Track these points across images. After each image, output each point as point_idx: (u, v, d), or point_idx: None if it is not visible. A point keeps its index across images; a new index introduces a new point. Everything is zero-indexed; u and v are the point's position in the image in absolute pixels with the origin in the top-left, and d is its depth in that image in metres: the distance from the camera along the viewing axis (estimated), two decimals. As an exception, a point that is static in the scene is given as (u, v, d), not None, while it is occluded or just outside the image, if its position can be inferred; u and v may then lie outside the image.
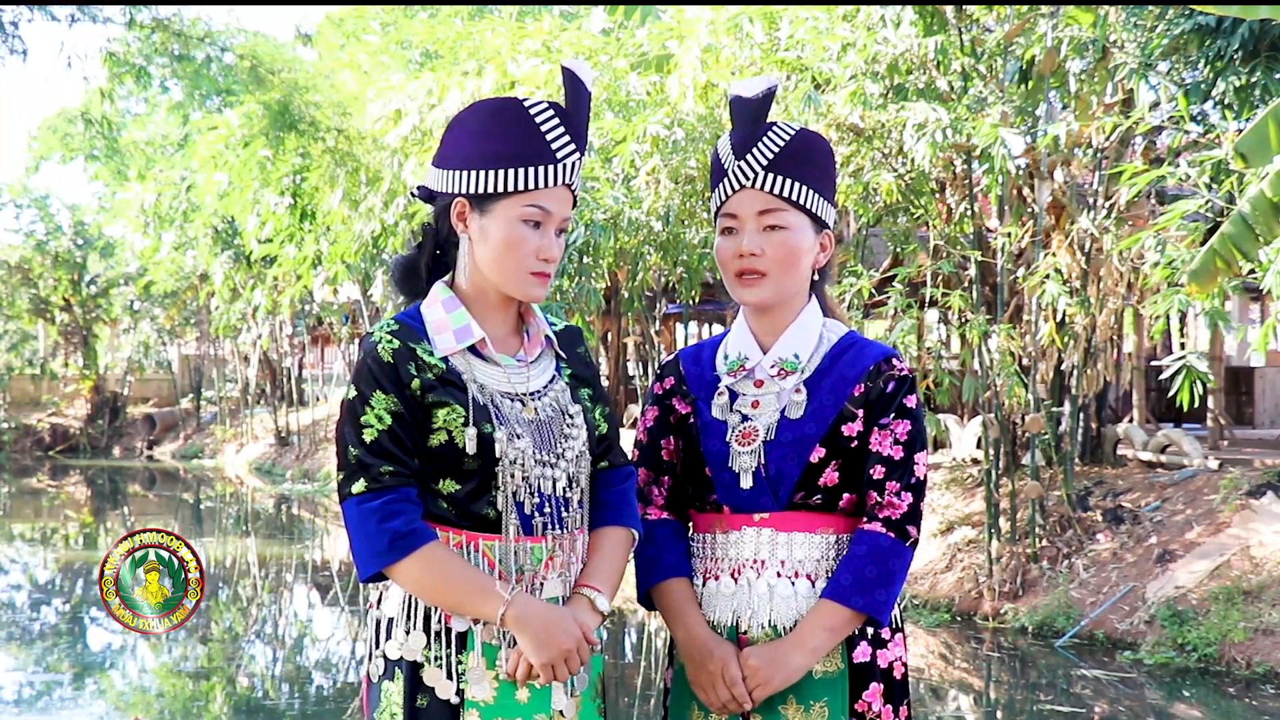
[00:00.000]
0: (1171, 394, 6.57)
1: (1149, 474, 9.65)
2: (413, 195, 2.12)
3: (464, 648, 1.92)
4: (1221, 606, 7.19)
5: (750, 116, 2.12)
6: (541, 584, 1.95)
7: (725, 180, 2.13)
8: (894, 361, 2.12)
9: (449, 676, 1.91)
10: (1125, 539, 8.44)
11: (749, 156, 2.10)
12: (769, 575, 2.08)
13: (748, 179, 2.10)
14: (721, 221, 2.15)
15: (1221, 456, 10.18)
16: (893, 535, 2.05)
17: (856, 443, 2.08)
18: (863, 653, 2.08)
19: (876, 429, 2.08)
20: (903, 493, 2.06)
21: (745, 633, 2.08)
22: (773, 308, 2.14)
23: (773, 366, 2.13)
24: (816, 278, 2.20)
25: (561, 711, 1.94)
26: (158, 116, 23.90)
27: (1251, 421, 15.12)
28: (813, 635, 2.03)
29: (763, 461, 2.08)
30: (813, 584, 2.08)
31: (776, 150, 2.09)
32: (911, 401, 2.11)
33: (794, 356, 2.13)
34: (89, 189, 41.07)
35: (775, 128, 2.11)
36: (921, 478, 2.09)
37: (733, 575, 2.10)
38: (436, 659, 1.92)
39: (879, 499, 2.06)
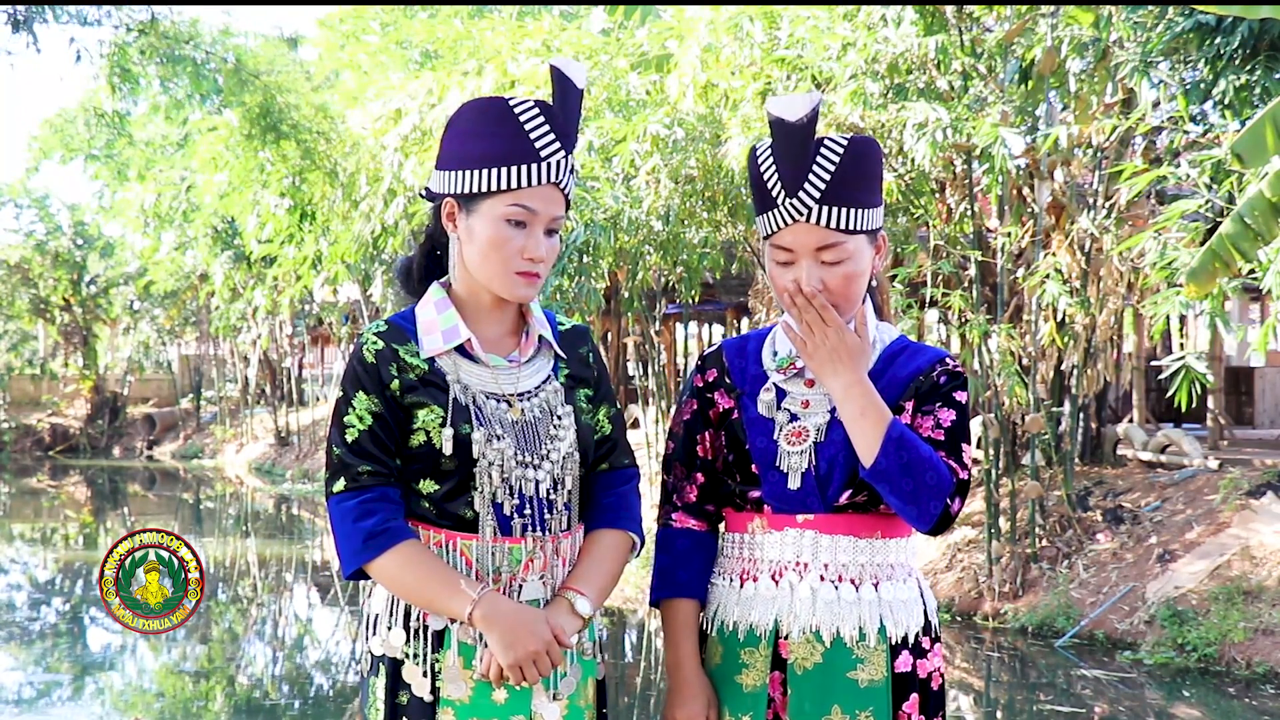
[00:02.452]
0: (1170, 394, 6.57)
1: (1149, 474, 9.65)
2: (420, 196, 2.13)
3: (441, 646, 1.92)
4: (1221, 606, 7.19)
5: (797, 144, 1.99)
6: (520, 586, 1.94)
7: (775, 211, 2.01)
8: (948, 361, 2.08)
9: (425, 674, 1.92)
10: (1125, 539, 8.44)
11: (802, 192, 1.98)
12: (811, 578, 2.02)
13: (801, 214, 1.98)
14: (775, 253, 2.03)
15: (1221, 456, 10.18)
16: (952, 479, 1.95)
17: None
18: (904, 662, 2.03)
19: (920, 414, 2.03)
20: (956, 467, 1.97)
21: (786, 637, 2.03)
22: None
23: None
24: (873, 282, 2.13)
25: (543, 715, 1.92)
26: (158, 116, 23.86)
27: (1251, 421, 15.12)
28: (865, 381, 1.96)
29: (813, 462, 2.02)
30: (856, 588, 2.02)
31: (829, 178, 1.97)
32: (961, 396, 2.05)
33: None
34: (89, 189, 41.08)
35: (824, 148, 1.99)
36: (968, 463, 2.00)
37: (773, 577, 2.04)
38: (415, 656, 1.93)
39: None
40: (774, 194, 2.02)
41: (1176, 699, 6.60)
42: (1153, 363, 12.27)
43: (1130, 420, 12.59)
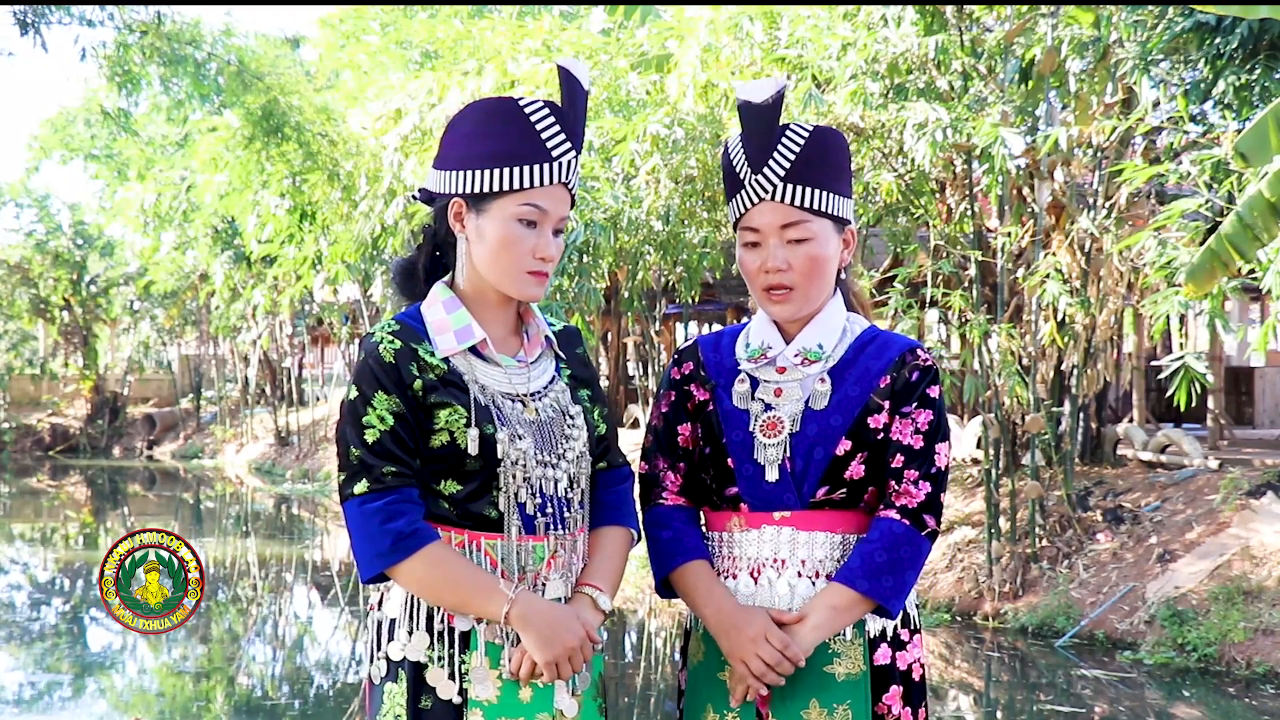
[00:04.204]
0: (1170, 394, 6.57)
1: (1149, 474, 9.65)
2: (414, 198, 2.13)
3: (467, 647, 1.92)
4: (1221, 606, 7.19)
5: (763, 124, 2.06)
6: (544, 584, 1.96)
7: (743, 192, 2.07)
8: (919, 352, 2.09)
9: (451, 677, 1.91)
10: (1125, 539, 8.44)
11: (766, 169, 2.04)
12: (789, 575, 2.04)
13: (766, 192, 2.04)
14: (743, 234, 2.09)
15: (1221, 456, 10.18)
16: (907, 523, 2.01)
17: (883, 434, 2.05)
18: (883, 655, 2.05)
19: (898, 418, 2.05)
20: (921, 481, 2.02)
21: None
22: None
23: (796, 355, 2.09)
24: (843, 275, 2.18)
25: (564, 710, 1.94)
26: (158, 116, 23.87)
27: (1251, 421, 15.12)
28: (815, 613, 1.99)
29: (788, 454, 2.04)
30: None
31: (793, 158, 2.03)
32: (934, 392, 2.07)
33: (818, 346, 2.09)
34: (89, 189, 41.07)
35: (789, 132, 2.05)
36: (942, 468, 2.05)
37: (752, 574, 2.06)
38: (439, 659, 1.92)
39: (897, 487, 2.03)
40: (741, 176, 2.07)
41: (1176, 699, 6.59)
42: (1153, 363, 12.27)
43: (1130, 420, 12.59)
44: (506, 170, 1.93)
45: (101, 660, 8.02)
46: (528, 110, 1.95)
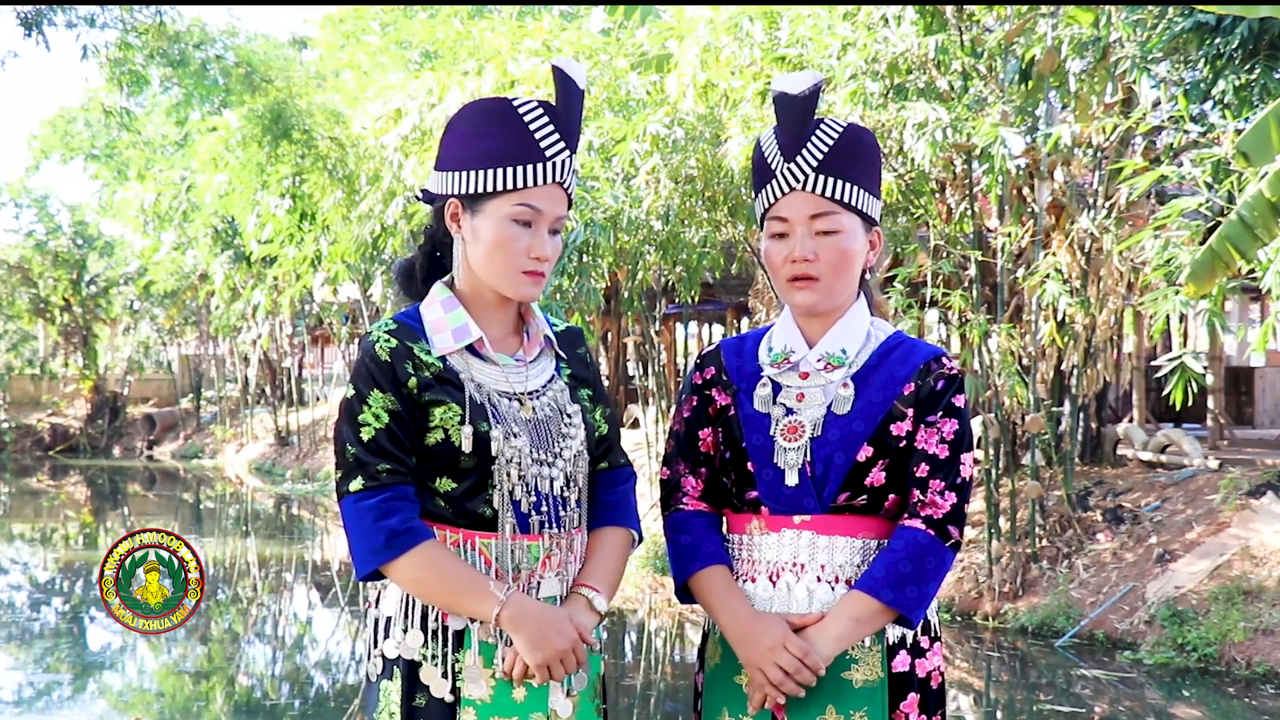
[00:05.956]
0: (1168, 393, 6.57)
1: (1149, 474, 9.65)
2: (416, 199, 2.14)
3: (461, 646, 1.93)
4: (1221, 606, 7.19)
5: (798, 115, 2.05)
6: (538, 583, 1.95)
7: (774, 182, 2.06)
8: (944, 360, 2.08)
9: (444, 675, 1.91)
10: (1125, 539, 8.44)
11: (799, 158, 2.04)
12: (808, 579, 2.03)
13: (798, 181, 2.04)
14: (771, 225, 2.08)
15: (1221, 456, 10.18)
16: (932, 533, 2.00)
17: (905, 442, 2.03)
18: (902, 662, 2.04)
19: (923, 426, 2.03)
20: (946, 492, 2.01)
21: None
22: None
23: (819, 360, 2.08)
24: (867, 277, 2.16)
25: (558, 711, 1.93)
26: (158, 116, 23.87)
27: (1251, 421, 15.12)
28: (837, 622, 1.98)
29: (809, 459, 2.03)
30: (852, 589, 2.03)
31: (826, 149, 2.03)
32: (960, 401, 2.06)
33: (841, 351, 2.08)
34: (89, 189, 41.08)
35: (823, 125, 2.05)
36: (967, 478, 2.04)
37: (771, 578, 2.05)
38: (433, 657, 1.92)
39: (922, 497, 2.01)
40: (773, 165, 2.07)
41: (1176, 699, 6.60)
42: (1153, 363, 12.27)
43: (1130, 420, 12.59)
44: (500, 170, 1.93)
45: (101, 660, 8.02)
46: (521, 110, 1.95)
